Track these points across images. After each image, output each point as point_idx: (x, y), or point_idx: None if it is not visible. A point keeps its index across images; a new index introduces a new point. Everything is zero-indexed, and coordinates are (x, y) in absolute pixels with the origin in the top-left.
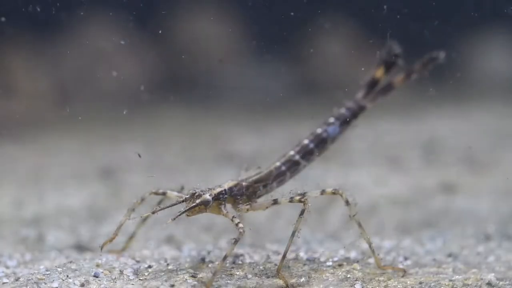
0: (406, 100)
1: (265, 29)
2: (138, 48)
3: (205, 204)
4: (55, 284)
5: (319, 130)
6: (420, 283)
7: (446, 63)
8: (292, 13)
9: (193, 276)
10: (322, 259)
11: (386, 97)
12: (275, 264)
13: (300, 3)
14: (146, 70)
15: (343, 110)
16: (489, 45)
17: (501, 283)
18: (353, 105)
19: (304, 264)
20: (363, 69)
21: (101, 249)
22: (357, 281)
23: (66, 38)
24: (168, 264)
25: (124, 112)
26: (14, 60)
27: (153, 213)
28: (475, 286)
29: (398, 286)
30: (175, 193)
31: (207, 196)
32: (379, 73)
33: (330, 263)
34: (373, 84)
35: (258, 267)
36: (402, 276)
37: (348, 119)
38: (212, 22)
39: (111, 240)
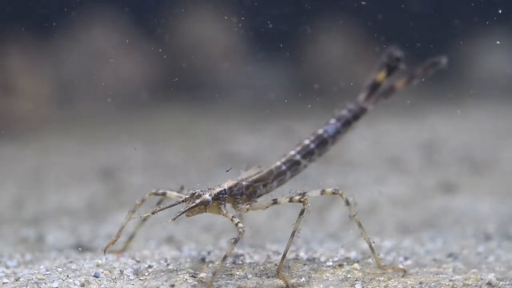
0: (406, 100)
1: (264, 29)
2: (138, 48)
3: (205, 204)
4: (55, 284)
5: (320, 131)
6: (420, 283)
7: (448, 64)
8: (291, 10)
9: (193, 276)
10: (322, 259)
11: (387, 99)
12: (275, 264)
13: (300, 3)
14: (146, 70)
15: (344, 112)
16: (489, 45)
17: (501, 283)
18: (355, 107)
19: (304, 264)
20: (364, 72)
21: (104, 252)
22: (357, 281)
23: (66, 38)
24: (168, 264)
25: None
26: (14, 60)
27: (153, 213)
28: (475, 286)
29: (398, 286)
30: (175, 193)
31: (207, 196)
32: (380, 76)
33: (330, 263)
34: (374, 86)
35: (258, 267)
36: (402, 276)
37: (349, 121)
38: (212, 22)
39: (113, 242)
